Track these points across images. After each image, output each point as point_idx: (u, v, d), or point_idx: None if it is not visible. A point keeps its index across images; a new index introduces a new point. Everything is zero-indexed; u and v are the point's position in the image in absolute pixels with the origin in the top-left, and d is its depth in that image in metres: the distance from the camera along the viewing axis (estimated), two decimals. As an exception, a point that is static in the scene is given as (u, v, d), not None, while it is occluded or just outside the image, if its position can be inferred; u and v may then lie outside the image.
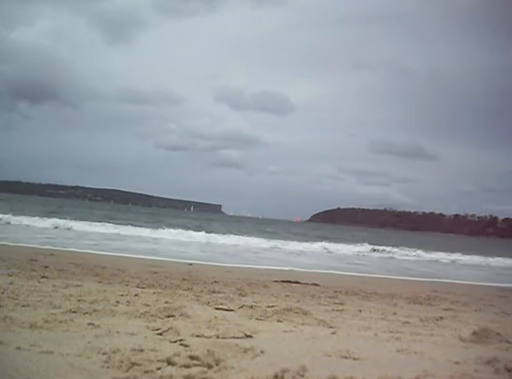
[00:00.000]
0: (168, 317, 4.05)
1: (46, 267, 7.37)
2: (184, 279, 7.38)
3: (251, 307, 4.91)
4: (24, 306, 4.04)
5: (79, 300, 4.55)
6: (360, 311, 5.43)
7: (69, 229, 21.43)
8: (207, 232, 25.16)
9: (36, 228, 20.40)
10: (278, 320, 4.34)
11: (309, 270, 12.75)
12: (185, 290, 6.17)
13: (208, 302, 5.15)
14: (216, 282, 7.42)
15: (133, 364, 2.58)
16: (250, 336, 3.47)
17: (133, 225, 26.61)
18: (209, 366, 2.61)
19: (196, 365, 2.59)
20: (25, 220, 22.53)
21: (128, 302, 4.71)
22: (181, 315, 4.11)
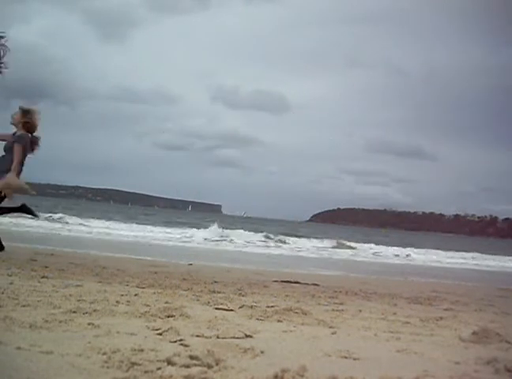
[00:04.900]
0: (168, 317, 4.04)
1: (46, 267, 7.36)
2: (184, 279, 7.37)
3: (251, 307, 4.91)
4: (24, 306, 4.03)
5: (79, 300, 4.54)
6: (360, 311, 5.42)
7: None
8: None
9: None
10: (278, 320, 4.34)
11: (309, 270, 12.75)
12: (185, 290, 6.16)
13: (208, 302, 5.15)
14: (216, 282, 7.42)
15: (133, 364, 2.57)
16: (250, 336, 3.47)
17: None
18: (209, 366, 2.60)
19: (196, 365, 2.58)
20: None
21: (128, 302, 4.70)
22: (181, 315, 4.11)
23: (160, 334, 3.36)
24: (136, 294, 5.26)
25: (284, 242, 24.44)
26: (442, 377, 2.71)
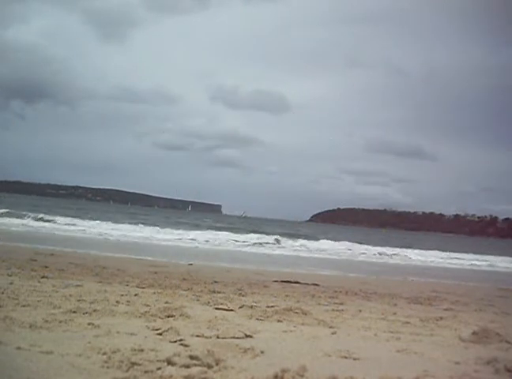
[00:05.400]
0: (168, 317, 4.05)
1: (46, 267, 7.37)
2: (184, 279, 7.38)
3: (251, 307, 4.91)
4: (24, 306, 4.04)
5: (79, 300, 4.55)
6: (360, 311, 5.43)
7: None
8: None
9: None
10: (278, 320, 4.34)
11: (309, 270, 12.75)
12: (185, 290, 6.17)
13: (208, 302, 5.16)
14: (216, 282, 7.43)
15: (133, 364, 2.58)
16: (250, 336, 3.48)
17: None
18: (209, 366, 2.61)
19: (196, 365, 2.59)
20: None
21: (128, 302, 4.71)
22: (181, 315, 4.11)
23: (160, 334, 3.37)
24: (136, 294, 5.27)
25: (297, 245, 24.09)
26: (442, 377, 2.71)
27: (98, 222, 27.14)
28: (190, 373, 2.45)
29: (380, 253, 23.97)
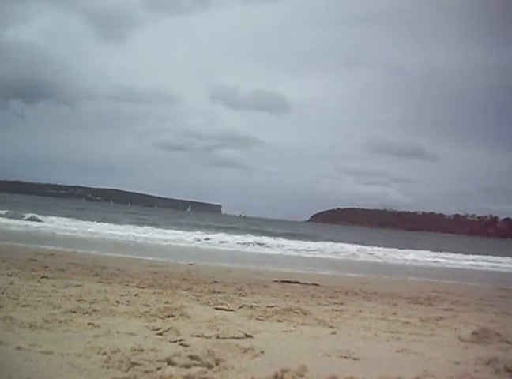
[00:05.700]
0: (168, 317, 4.05)
1: (46, 267, 7.37)
2: (184, 279, 7.38)
3: (251, 307, 4.92)
4: (24, 306, 4.04)
5: (79, 300, 4.55)
6: (360, 311, 5.43)
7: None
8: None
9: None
10: (278, 320, 4.34)
11: (309, 270, 12.75)
12: (185, 290, 6.17)
13: (208, 302, 5.16)
14: (216, 282, 7.43)
15: (133, 364, 2.58)
16: (250, 336, 3.48)
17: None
18: (209, 366, 2.61)
19: (196, 365, 2.59)
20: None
21: (128, 302, 4.71)
22: (181, 315, 4.12)
23: (160, 334, 3.37)
24: (136, 294, 5.27)
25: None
26: (442, 377, 2.71)
27: (98, 222, 27.14)
28: (190, 373, 2.45)
29: (380, 253, 23.97)
